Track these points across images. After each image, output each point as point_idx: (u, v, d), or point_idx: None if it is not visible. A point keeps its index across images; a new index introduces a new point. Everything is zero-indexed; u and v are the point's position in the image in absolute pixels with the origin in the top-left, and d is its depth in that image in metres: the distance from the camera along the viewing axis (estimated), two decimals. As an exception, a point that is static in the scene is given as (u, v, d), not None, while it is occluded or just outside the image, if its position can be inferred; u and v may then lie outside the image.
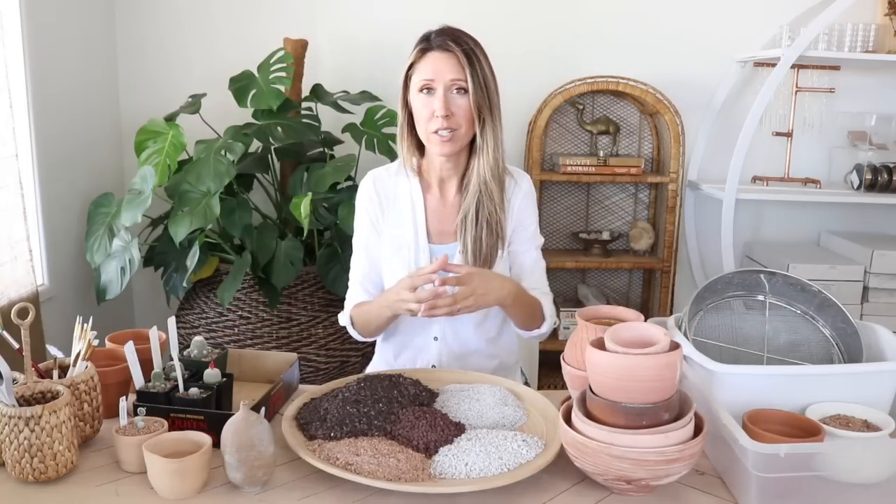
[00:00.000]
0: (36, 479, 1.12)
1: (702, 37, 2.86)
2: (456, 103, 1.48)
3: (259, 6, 2.80)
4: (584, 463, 1.09)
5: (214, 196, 2.22)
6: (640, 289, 3.07)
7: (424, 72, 1.49)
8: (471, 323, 1.60)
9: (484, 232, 1.54)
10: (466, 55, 1.48)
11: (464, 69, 1.47)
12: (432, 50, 1.49)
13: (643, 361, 1.04)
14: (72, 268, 2.51)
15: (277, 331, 2.40)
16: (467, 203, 1.55)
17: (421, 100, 1.50)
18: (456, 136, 1.50)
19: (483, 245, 1.54)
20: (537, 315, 1.58)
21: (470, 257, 1.55)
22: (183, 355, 1.37)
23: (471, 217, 1.54)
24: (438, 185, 1.61)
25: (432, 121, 1.49)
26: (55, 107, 2.39)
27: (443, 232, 1.60)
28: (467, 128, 1.50)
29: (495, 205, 1.54)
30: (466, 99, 1.48)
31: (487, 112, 1.49)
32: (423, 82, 1.49)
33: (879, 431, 1.14)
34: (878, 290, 2.64)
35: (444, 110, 1.47)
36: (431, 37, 1.51)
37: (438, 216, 1.60)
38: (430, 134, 1.50)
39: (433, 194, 1.61)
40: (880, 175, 2.76)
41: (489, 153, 1.51)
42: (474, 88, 1.47)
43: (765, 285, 1.42)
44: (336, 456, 1.14)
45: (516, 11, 2.83)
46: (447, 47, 1.48)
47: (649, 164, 2.93)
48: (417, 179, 1.61)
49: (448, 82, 1.47)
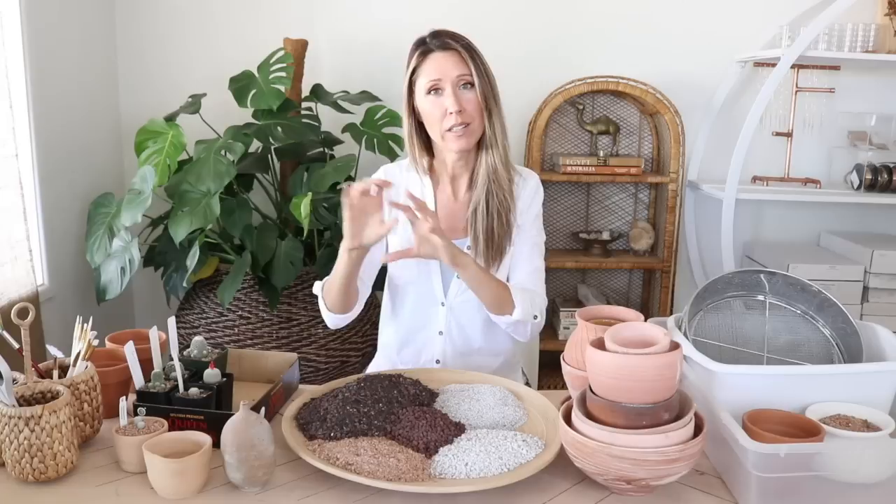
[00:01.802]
0: (36, 479, 1.12)
1: (702, 37, 2.86)
2: (465, 98, 1.51)
3: (259, 6, 2.80)
4: (584, 463, 1.09)
5: (214, 196, 2.22)
6: (640, 289, 3.07)
7: (430, 73, 1.51)
8: (477, 319, 1.61)
9: (495, 223, 1.55)
10: (467, 50, 1.51)
11: (468, 64, 1.50)
12: (433, 51, 1.52)
13: (643, 361, 1.04)
14: (72, 268, 2.51)
15: (277, 331, 2.40)
16: (477, 194, 1.56)
17: (430, 101, 1.51)
18: (470, 130, 1.52)
19: (494, 235, 1.56)
20: (505, 299, 1.52)
21: (482, 247, 1.55)
22: (183, 355, 1.37)
23: (481, 208, 1.55)
24: (450, 183, 1.62)
25: (446, 119, 1.50)
26: (55, 107, 2.39)
27: (453, 228, 1.61)
28: (479, 120, 1.52)
29: (504, 193, 1.56)
30: (474, 92, 1.51)
31: (493, 102, 1.53)
32: (430, 83, 1.51)
33: (879, 431, 1.14)
34: (878, 290, 2.64)
35: (457, 105, 1.49)
36: (427, 40, 1.53)
37: (449, 212, 1.62)
38: (445, 132, 1.52)
39: (444, 191, 1.63)
40: (880, 175, 2.76)
41: (498, 142, 1.54)
42: (480, 81, 1.50)
43: (765, 285, 1.42)
44: (336, 456, 1.14)
45: (517, 12, 2.83)
46: (448, 46, 1.51)
47: (649, 164, 2.93)
48: (429, 177, 1.62)
49: (455, 79, 1.50)
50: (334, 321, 1.60)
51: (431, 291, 1.62)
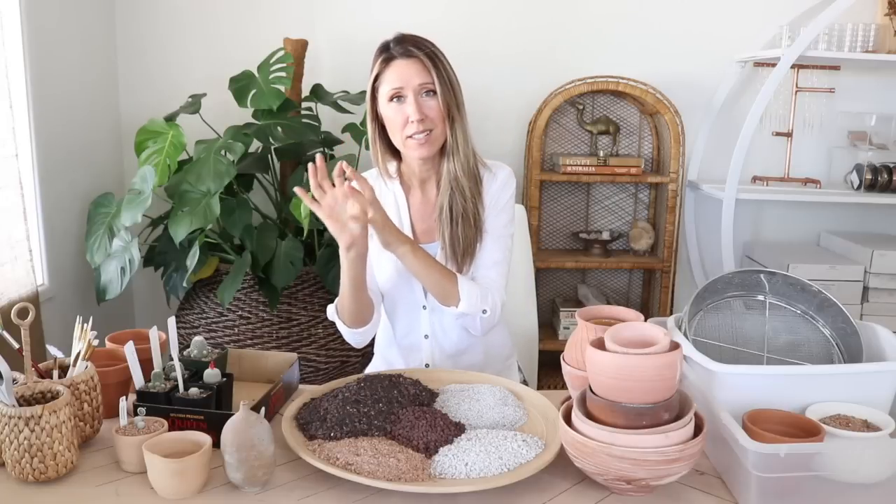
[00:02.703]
0: (36, 479, 1.12)
1: (702, 37, 2.86)
2: (427, 105, 1.51)
3: (259, 6, 2.80)
4: (584, 463, 1.09)
5: (214, 196, 2.22)
6: (640, 289, 3.07)
7: (392, 81, 1.51)
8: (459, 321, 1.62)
9: (460, 227, 1.56)
10: (430, 58, 1.50)
11: (430, 72, 1.50)
12: (395, 59, 1.51)
13: (643, 361, 1.04)
14: (72, 268, 2.51)
15: (277, 331, 2.40)
16: (440, 200, 1.57)
17: (393, 108, 1.52)
18: (432, 137, 1.52)
19: (460, 239, 1.56)
20: (449, 290, 1.52)
21: (449, 251, 1.57)
22: (183, 355, 1.37)
23: (445, 213, 1.56)
24: (420, 186, 1.64)
25: (407, 126, 1.51)
26: (55, 107, 2.39)
27: (427, 230, 1.63)
28: (441, 127, 1.53)
29: (467, 199, 1.56)
30: (436, 100, 1.51)
31: (456, 110, 1.53)
32: (392, 91, 1.50)
33: (879, 431, 1.14)
34: (878, 290, 2.64)
35: (418, 114, 1.49)
36: (391, 46, 1.53)
37: (422, 215, 1.63)
38: (406, 139, 1.52)
39: (415, 195, 1.64)
40: (880, 175, 2.76)
41: (459, 150, 1.54)
42: (442, 89, 1.50)
43: (765, 285, 1.42)
44: (336, 456, 1.14)
45: (516, 12, 2.83)
46: (410, 53, 1.50)
47: (649, 164, 2.93)
48: (398, 182, 1.64)
49: (417, 87, 1.50)
50: (356, 339, 1.60)
51: (412, 294, 1.63)
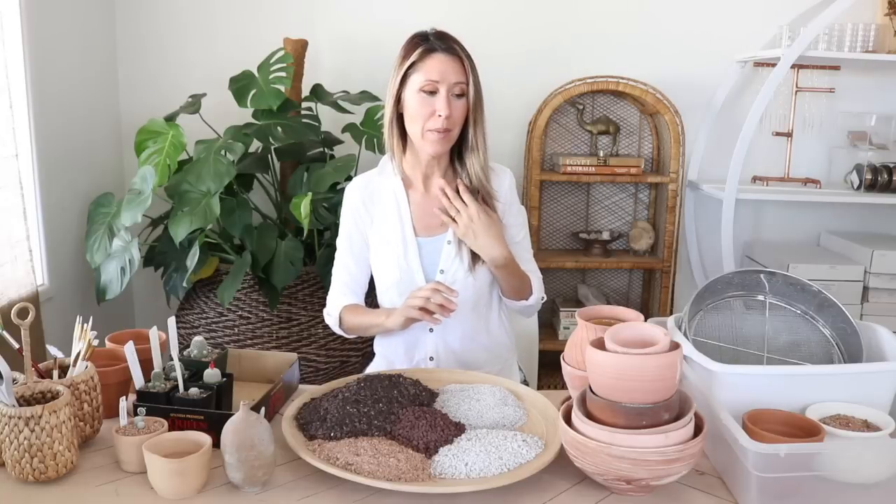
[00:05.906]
0: (36, 479, 1.12)
1: (702, 37, 2.86)
2: (455, 105, 1.53)
3: (259, 6, 2.80)
4: (584, 463, 1.09)
5: (214, 196, 2.22)
6: (640, 289, 3.07)
7: (430, 72, 1.51)
8: (466, 316, 1.63)
9: None
10: (469, 59, 1.54)
11: (467, 74, 1.53)
12: (437, 52, 1.52)
13: (643, 361, 1.04)
14: (72, 268, 2.51)
15: (277, 331, 2.40)
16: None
17: (420, 98, 1.52)
18: (449, 137, 1.55)
19: None
20: (526, 286, 1.64)
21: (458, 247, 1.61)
22: (183, 355, 1.37)
23: None
24: (422, 181, 1.65)
25: (431, 120, 1.52)
26: (55, 107, 2.39)
27: (428, 226, 1.64)
28: (458, 130, 1.56)
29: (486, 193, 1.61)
30: (463, 102, 1.54)
31: (480, 112, 1.57)
32: (427, 82, 1.51)
33: (879, 431, 1.14)
34: (878, 290, 2.64)
35: (447, 111, 1.51)
36: (431, 38, 1.53)
37: (422, 211, 1.64)
38: (425, 132, 1.53)
39: (416, 190, 1.66)
40: (880, 175, 2.76)
41: (480, 153, 1.58)
42: (474, 91, 1.54)
43: (765, 285, 1.42)
44: (336, 456, 1.14)
45: (517, 12, 2.83)
46: (453, 51, 1.53)
47: (649, 164, 2.93)
48: (399, 178, 1.65)
49: (451, 84, 1.51)
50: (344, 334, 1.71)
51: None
